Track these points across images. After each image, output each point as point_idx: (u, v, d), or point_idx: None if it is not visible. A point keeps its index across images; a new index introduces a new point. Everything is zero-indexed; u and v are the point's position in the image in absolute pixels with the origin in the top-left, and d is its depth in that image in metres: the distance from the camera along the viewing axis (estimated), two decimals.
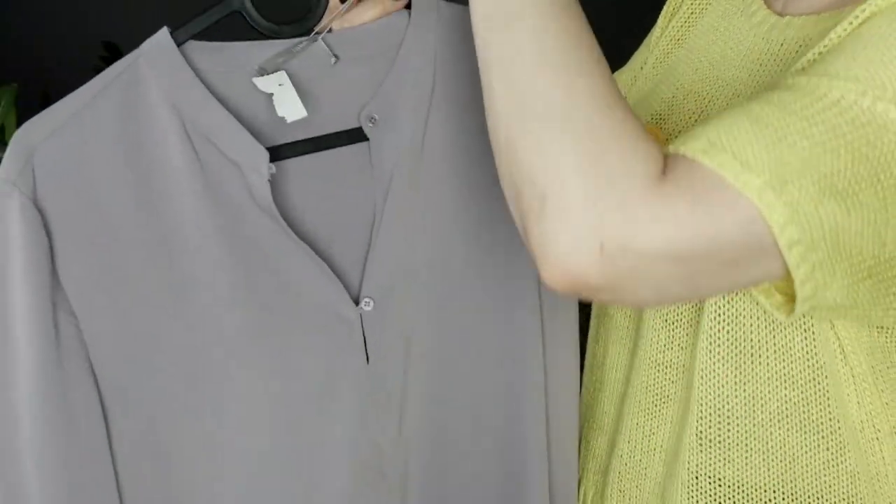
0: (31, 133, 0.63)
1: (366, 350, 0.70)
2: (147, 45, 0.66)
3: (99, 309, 0.64)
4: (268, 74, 0.67)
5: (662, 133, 0.82)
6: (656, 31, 0.92)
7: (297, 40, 0.68)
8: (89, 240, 0.63)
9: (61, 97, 0.68)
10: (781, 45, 0.79)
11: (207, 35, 0.67)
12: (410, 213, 0.71)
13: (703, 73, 0.83)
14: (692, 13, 0.91)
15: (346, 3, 0.70)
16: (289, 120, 0.67)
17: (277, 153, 0.67)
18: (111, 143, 0.64)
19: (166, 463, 0.68)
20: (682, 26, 0.90)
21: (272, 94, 0.67)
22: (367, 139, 0.69)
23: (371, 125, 0.69)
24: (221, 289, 0.66)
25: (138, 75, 0.65)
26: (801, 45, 0.77)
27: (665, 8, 0.94)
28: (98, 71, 0.65)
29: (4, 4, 2.08)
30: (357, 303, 0.69)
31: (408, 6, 0.72)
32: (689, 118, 0.81)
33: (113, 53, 1.63)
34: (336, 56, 0.70)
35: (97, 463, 0.65)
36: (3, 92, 1.35)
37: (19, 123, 1.40)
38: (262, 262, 0.67)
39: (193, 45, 0.66)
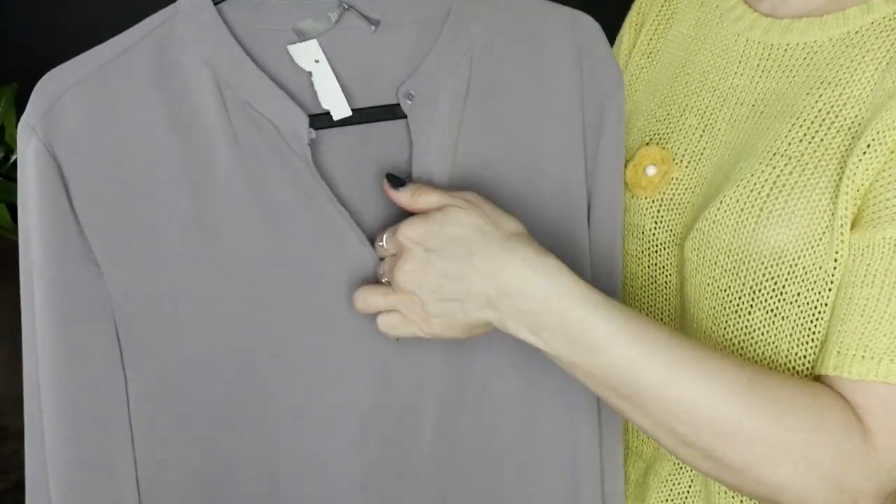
0: (57, 80, 0.63)
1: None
2: (184, 2, 0.64)
3: (122, 260, 0.64)
4: (303, 40, 0.65)
5: (667, 153, 0.80)
6: (623, 47, 0.91)
7: (337, 1, 0.66)
8: (112, 192, 0.63)
9: None
10: (785, 49, 0.77)
11: None
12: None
13: (695, 85, 0.82)
14: (659, 25, 0.89)
15: None
16: (335, 117, 0.66)
17: (313, 121, 0.67)
18: (141, 98, 0.63)
19: (185, 416, 0.67)
20: (651, 40, 0.89)
21: (311, 74, 0.66)
22: (405, 116, 0.69)
23: (409, 102, 0.69)
24: (252, 250, 0.65)
25: (173, 32, 0.64)
26: (810, 51, 0.76)
27: (628, 23, 0.92)
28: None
29: (4, 4, 2.08)
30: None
31: None
32: (693, 134, 0.80)
33: None
34: (376, 21, 0.68)
35: (114, 417, 0.65)
36: (3, 92, 1.35)
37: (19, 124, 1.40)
38: (297, 225, 0.67)
39: (232, 1, 0.65)
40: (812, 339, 0.72)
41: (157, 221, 0.64)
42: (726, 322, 0.75)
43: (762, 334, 0.74)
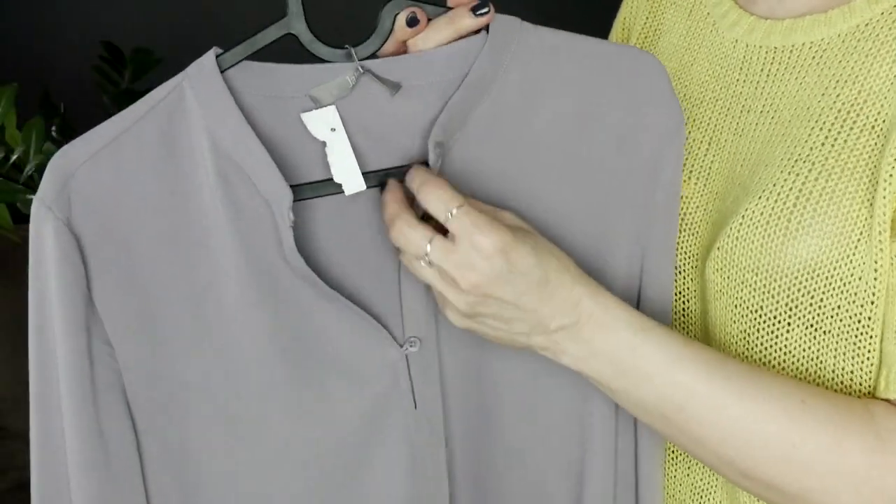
0: (70, 156, 0.62)
1: (413, 395, 0.68)
2: (192, 67, 0.63)
3: (133, 341, 0.64)
4: (320, 107, 0.63)
5: None
6: None
7: (354, 65, 0.63)
8: (124, 269, 0.63)
9: (61, 97, 0.67)
10: (791, 51, 0.74)
11: (261, 55, 0.64)
12: None
13: (694, 98, 0.79)
14: (646, 38, 0.87)
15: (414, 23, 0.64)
16: (347, 192, 0.64)
17: (323, 187, 0.64)
18: (149, 173, 0.63)
19: (197, 501, 0.67)
20: None
21: (325, 144, 0.64)
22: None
23: (437, 153, 0.64)
24: (256, 333, 0.64)
25: (182, 100, 0.63)
26: (818, 50, 0.73)
27: (612, 38, 0.90)
28: (98, 71, 0.64)
29: (4, 4, 2.08)
30: (401, 345, 0.67)
31: (487, 28, 0.66)
32: (699, 148, 0.77)
33: (113, 53, 1.62)
34: (396, 85, 0.65)
35: (131, 495, 0.65)
36: (3, 92, 1.35)
37: (19, 123, 1.40)
38: (297, 309, 0.65)
39: (243, 66, 0.63)
40: (858, 354, 0.68)
41: (161, 302, 0.64)
42: (761, 344, 0.71)
43: (803, 351, 0.70)
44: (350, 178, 0.64)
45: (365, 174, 0.65)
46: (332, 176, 0.64)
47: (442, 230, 0.63)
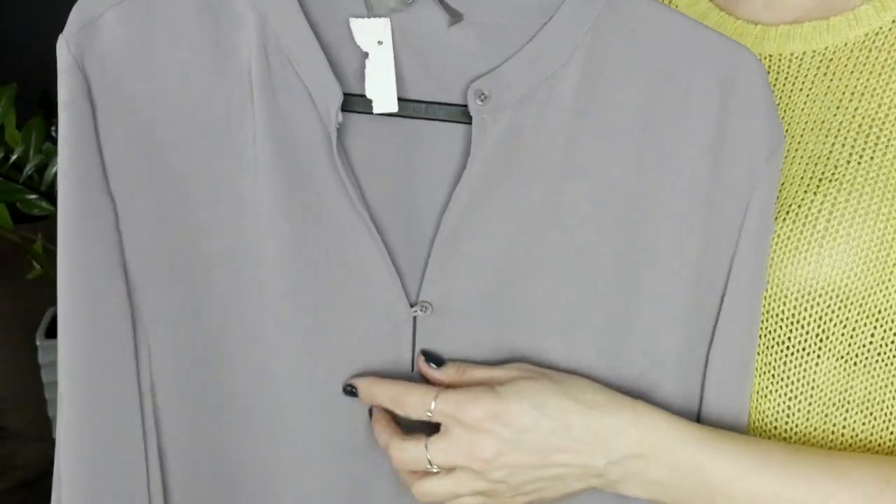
0: None
1: (413, 357, 0.63)
2: None
3: (137, 197, 0.60)
4: (373, 15, 0.58)
5: None
6: None
7: None
8: (138, 124, 0.59)
9: None
10: (790, 59, 0.71)
11: None
12: (490, 221, 0.61)
13: None
14: None
15: None
16: (375, 110, 0.58)
17: (356, 102, 0.59)
18: (185, 30, 0.58)
19: (189, 369, 0.64)
20: None
21: (366, 55, 0.58)
22: (468, 122, 0.59)
23: (480, 104, 0.58)
24: (275, 223, 0.60)
25: None
26: (824, 60, 0.70)
27: None
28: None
29: (4, 4, 2.08)
30: (412, 305, 0.62)
31: None
32: None
33: None
34: (458, 14, 0.59)
35: (116, 350, 0.61)
36: (3, 92, 1.35)
37: (19, 123, 1.40)
38: (319, 217, 0.60)
39: None
40: (891, 383, 0.66)
41: (180, 164, 0.60)
42: (787, 377, 0.67)
43: (832, 384, 0.67)
44: (384, 96, 0.58)
45: (401, 100, 0.59)
46: (364, 92, 0.59)
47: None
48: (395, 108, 0.58)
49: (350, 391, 0.62)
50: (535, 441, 0.59)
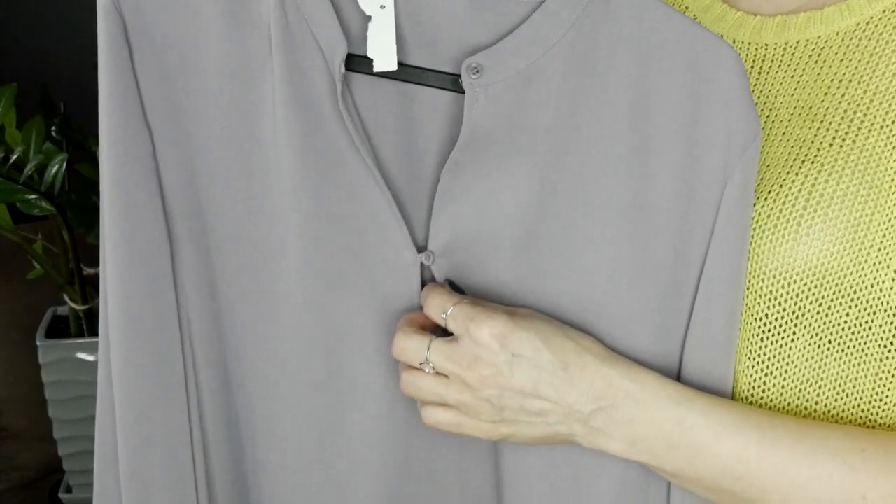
0: None
1: (420, 300, 0.67)
2: None
3: (168, 134, 0.65)
4: None
5: None
6: None
7: None
8: (168, 63, 0.64)
9: (61, 97, 0.68)
10: (784, 48, 0.73)
11: None
12: (482, 183, 0.65)
13: None
14: None
15: None
16: (375, 67, 0.62)
17: (361, 63, 0.63)
18: None
19: (218, 309, 0.69)
20: None
21: (369, 18, 0.62)
22: (461, 91, 0.63)
23: (473, 77, 0.62)
24: (290, 170, 0.64)
25: None
26: (816, 48, 0.71)
27: None
28: (98, 70, 0.65)
29: (4, 4, 2.08)
30: (420, 250, 0.66)
31: None
32: None
33: None
34: None
35: (153, 272, 0.66)
36: (3, 92, 1.35)
37: (19, 123, 1.39)
38: (332, 165, 0.64)
39: None
40: (863, 362, 0.67)
41: (203, 106, 0.64)
42: (764, 353, 0.69)
43: (806, 361, 0.68)
44: (384, 56, 0.62)
45: (400, 65, 0.63)
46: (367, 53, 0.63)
47: None
48: (394, 67, 0.62)
49: None
50: (531, 371, 0.62)
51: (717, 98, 0.64)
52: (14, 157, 1.34)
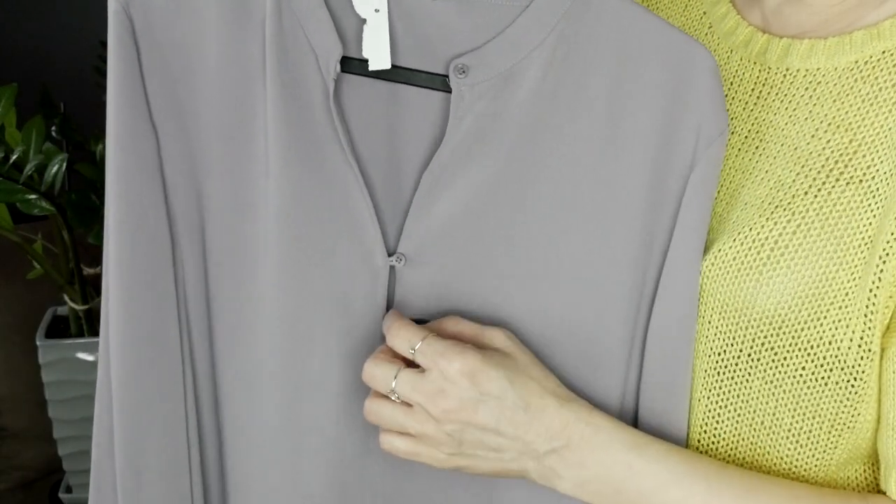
0: None
1: (388, 303, 0.69)
2: None
3: (171, 132, 0.67)
4: None
5: None
6: None
7: None
8: (171, 66, 0.66)
9: (61, 97, 0.69)
10: (784, 75, 0.71)
11: None
12: (463, 185, 0.67)
13: None
14: None
15: None
16: (371, 66, 0.65)
17: (354, 65, 0.66)
18: None
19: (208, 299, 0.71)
20: None
21: (364, 22, 0.65)
22: (448, 91, 0.66)
23: (459, 77, 0.65)
24: (276, 171, 0.66)
25: None
26: (813, 81, 0.70)
27: None
28: (98, 71, 0.66)
29: (4, 4, 2.08)
30: (390, 254, 0.68)
31: None
32: None
33: None
34: None
35: (157, 254, 0.68)
36: (3, 92, 1.35)
37: (19, 123, 1.40)
38: (316, 166, 0.66)
39: None
40: (818, 414, 0.67)
41: (202, 107, 0.67)
42: (720, 388, 0.70)
43: (761, 404, 0.69)
44: (378, 56, 0.65)
45: (393, 66, 0.66)
46: (362, 56, 0.65)
47: None
48: (388, 66, 0.65)
49: None
50: (495, 409, 0.64)
51: (691, 97, 0.67)
52: (14, 157, 1.34)
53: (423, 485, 0.73)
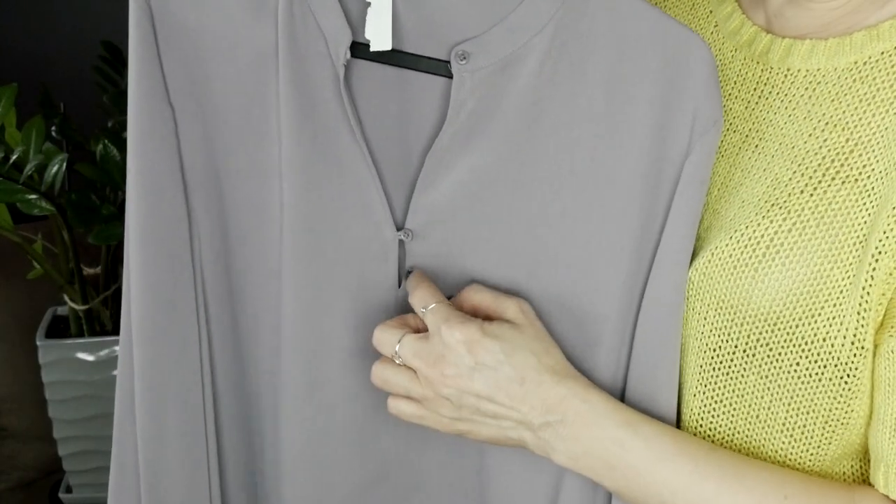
0: None
1: (398, 276, 0.72)
2: None
3: (189, 112, 0.70)
4: None
5: None
6: None
7: None
8: (187, 49, 0.69)
9: (61, 97, 0.69)
10: (786, 75, 0.72)
11: None
12: (464, 166, 0.69)
13: None
14: None
15: None
16: (372, 47, 0.67)
17: (361, 49, 0.67)
18: None
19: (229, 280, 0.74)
20: None
21: (369, 4, 0.67)
22: (450, 76, 0.68)
23: (461, 64, 0.67)
24: (287, 152, 0.69)
25: None
26: (812, 81, 0.70)
27: None
28: (98, 71, 0.66)
29: (4, 4, 2.08)
30: (399, 228, 0.71)
31: None
32: None
33: (113, 53, 1.62)
34: None
35: (175, 237, 0.71)
36: (3, 92, 1.35)
37: (19, 123, 1.40)
38: (326, 147, 0.69)
39: None
40: (812, 409, 0.68)
41: (217, 90, 0.69)
42: (715, 383, 0.70)
43: (757, 399, 0.69)
44: (380, 37, 0.67)
45: (395, 51, 0.68)
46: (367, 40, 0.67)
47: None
48: (388, 47, 0.67)
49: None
50: (489, 378, 0.66)
51: (688, 85, 0.68)
52: (14, 157, 1.34)
53: (437, 451, 0.76)
